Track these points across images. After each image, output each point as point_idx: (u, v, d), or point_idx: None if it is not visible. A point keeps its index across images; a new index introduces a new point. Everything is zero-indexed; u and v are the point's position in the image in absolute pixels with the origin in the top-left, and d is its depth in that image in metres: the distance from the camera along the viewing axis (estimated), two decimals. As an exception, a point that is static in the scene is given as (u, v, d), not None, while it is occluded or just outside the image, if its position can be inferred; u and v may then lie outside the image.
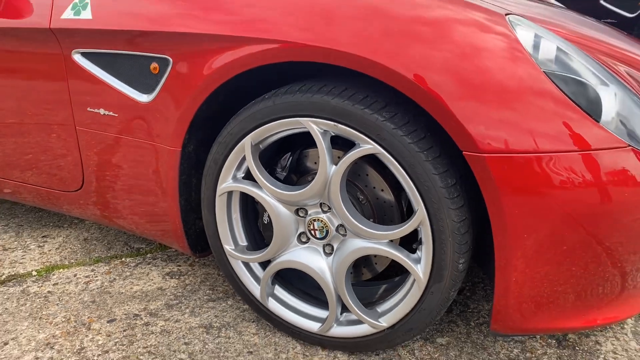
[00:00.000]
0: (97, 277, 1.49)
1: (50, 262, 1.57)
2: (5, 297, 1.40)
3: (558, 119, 0.89)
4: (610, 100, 0.95)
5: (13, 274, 1.51)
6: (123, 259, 1.58)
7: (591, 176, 0.90)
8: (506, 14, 0.97)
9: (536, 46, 0.95)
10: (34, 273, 1.51)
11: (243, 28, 1.03)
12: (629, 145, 0.91)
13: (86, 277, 1.49)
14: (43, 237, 1.73)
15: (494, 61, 0.90)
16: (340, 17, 0.96)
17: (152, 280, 1.47)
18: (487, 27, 0.94)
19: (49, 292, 1.42)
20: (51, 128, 1.35)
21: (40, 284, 1.46)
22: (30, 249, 1.65)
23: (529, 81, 0.89)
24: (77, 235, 1.74)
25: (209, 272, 1.51)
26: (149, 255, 1.61)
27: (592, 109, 0.91)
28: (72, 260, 1.58)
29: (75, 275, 1.50)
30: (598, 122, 0.91)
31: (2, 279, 1.49)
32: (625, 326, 1.26)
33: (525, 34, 0.95)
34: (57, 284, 1.46)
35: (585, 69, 0.96)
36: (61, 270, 1.53)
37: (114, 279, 1.48)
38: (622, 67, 1.15)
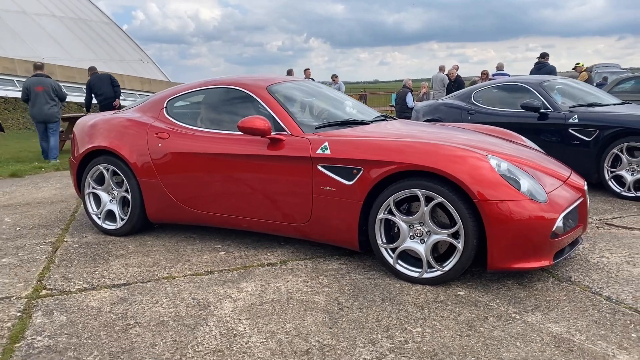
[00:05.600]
0: (307, 263, 3.24)
1: (282, 259, 3.35)
2: (270, 272, 3.16)
3: (505, 189, 2.68)
4: (525, 183, 2.74)
5: (269, 262, 3.29)
6: (315, 258, 3.34)
7: (517, 209, 2.66)
8: (487, 154, 2.81)
9: (499, 165, 2.78)
10: (278, 263, 3.28)
11: (386, 158, 2.89)
12: (530, 199, 2.69)
13: (303, 263, 3.24)
14: (270, 250, 3.52)
15: (483, 171, 2.72)
16: (421, 151, 2.81)
17: (333, 265, 3.21)
18: (479, 159, 2.78)
19: (290, 268, 3.17)
20: (298, 194, 3.19)
21: (284, 267, 3.21)
22: (267, 255, 3.43)
23: (494, 178, 2.70)
24: (286, 250, 3.52)
25: (358, 263, 3.25)
26: (326, 257, 3.37)
27: (517, 186, 2.71)
28: (292, 258, 3.35)
29: (298, 264, 3.25)
30: (519, 190, 2.69)
31: (265, 264, 3.26)
32: (549, 280, 2.91)
33: (494, 161, 2.77)
34: (292, 266, 3.22)
35: (516, 173, 2.78)
36: (290, 262, 3.30)
37: (317, 263, 3.23)
38: (537, 172, 2.97)
